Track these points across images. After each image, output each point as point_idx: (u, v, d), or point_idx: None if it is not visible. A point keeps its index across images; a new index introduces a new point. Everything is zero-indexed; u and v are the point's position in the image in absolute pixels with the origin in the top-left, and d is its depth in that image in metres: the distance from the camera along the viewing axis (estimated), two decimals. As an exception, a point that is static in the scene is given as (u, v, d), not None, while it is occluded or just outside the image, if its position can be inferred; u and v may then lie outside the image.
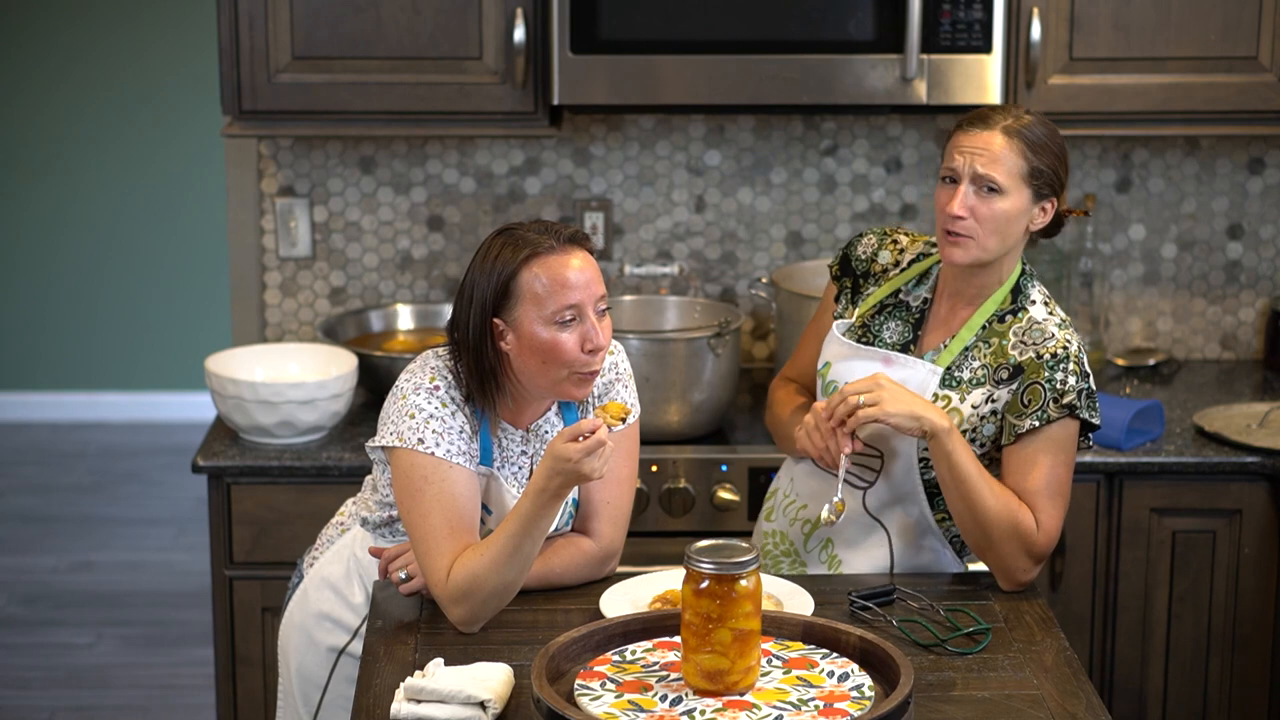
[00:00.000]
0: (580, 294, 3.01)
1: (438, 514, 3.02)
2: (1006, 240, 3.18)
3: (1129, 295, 4.57)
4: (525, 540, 2.97)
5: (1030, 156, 3.15)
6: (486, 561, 2.97)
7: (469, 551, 3.00)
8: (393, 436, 3.06)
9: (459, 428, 3.06)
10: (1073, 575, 4.03)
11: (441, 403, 3.06)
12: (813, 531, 3.34)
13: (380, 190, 4.49)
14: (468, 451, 3.06)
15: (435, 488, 3.03)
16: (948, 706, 2.79)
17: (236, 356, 4.14)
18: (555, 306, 3.00)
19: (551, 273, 3.00)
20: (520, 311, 3.01)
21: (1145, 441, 4.02)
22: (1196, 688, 4.08)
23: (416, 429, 3.04)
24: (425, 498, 3.03)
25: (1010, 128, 3.16)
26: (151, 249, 7.33)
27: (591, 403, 3.22)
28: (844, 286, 3.39)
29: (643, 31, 4.02)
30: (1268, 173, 4.52)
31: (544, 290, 2.99)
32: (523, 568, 3.00)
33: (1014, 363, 3.17)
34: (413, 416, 3.05)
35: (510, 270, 3.00)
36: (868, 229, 3.48)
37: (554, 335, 3.00)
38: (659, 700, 2.68)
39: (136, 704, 5.12)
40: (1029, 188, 3.16)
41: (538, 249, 3.01)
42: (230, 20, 4.05)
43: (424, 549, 3.03)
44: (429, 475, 3.03)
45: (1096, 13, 4.08)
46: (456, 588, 2.99)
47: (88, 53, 7.18)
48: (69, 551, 6.18)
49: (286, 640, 3.36)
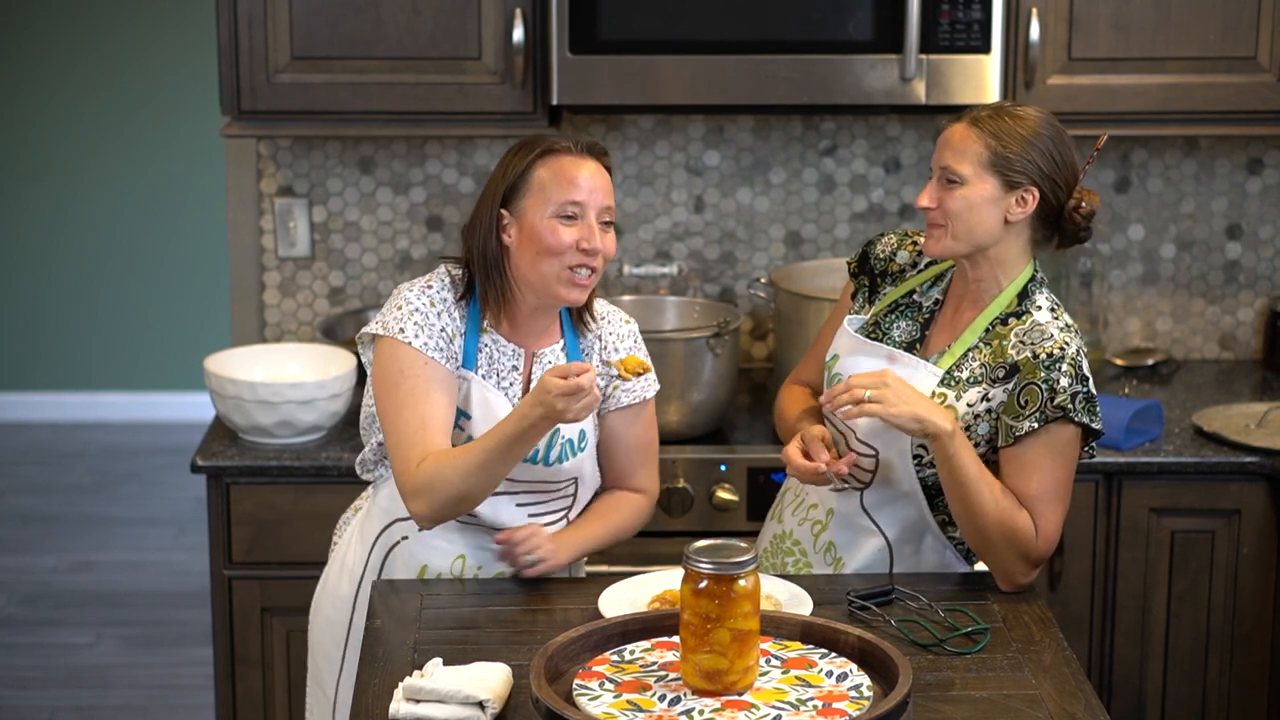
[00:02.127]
0: (584, 194, 3.12)
1: (411, 408, 3.12)
2: (976, 230, 3.15)
3: (1128, 295, 4.57)
4: (496, 457, 3.05)
5: (994, 144, 3.12)
6: (457, 465, 3.06)
7: (444, 452, 3.09)
8: (378, 325, 3.18)
9: (441, 327, 3.16)
10: (1072, 575, 4.03)
11: (430, 301, 3.18)
12: (821, 532, 3.34)
13: (379, 190, 4.49)
14: (446, 351, 3.16)
15: (410, 383, 3.13)
16: (946, 706, 2.79)
17: (236, 356, 4.14)
18: (558, 201, 3.11)
19: (561, 170, 3.13)
20: (526, 203, 3.14)
21: (1144, 441, 4.02)
22: (1195, 687, 4.08)
23: (400, 319, 3.15)
24: (400, 391, 3.13)
25: (979, 117, 3.16)
26: (151, 249, 7.34)
27: (603, 355, 3.28)
28: (861, 284, 3.39)
29: (642, 31, 4.02)
30: (1267, 173, 4.52)
31: (551, 184, 3.12)
32: (488, 483, 3.08)
33: (1010, 362, 3.17)
34: (399, 309, 3.18)
35: (524, 165, 3.14)
36: (888, 230, 3.48)
37: (553, 227, 3.11)
38: (657, 700, 2.68)
39: (136, 704, 5.12)
40: (994, 175, 3.13)
41: (553, 148, 3.15)
42: (230, 20, 4.05)
43: (395, 440, 3.13)
44: (404, 370, 3.13)
45: (1096, 13, 4.09)
46: (421, 480, 3.08)
47: (88, 53, 7.19)
48: (69, 551, 6.18)
49: (312, 624, 3.41)
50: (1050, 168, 3.15)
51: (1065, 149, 3.18)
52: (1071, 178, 3.18)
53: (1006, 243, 3.19)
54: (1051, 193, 3.16)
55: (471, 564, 3.26)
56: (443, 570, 3.26)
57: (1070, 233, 3.20)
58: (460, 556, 3.26)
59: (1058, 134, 3.17)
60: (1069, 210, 3.18)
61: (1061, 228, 3.20)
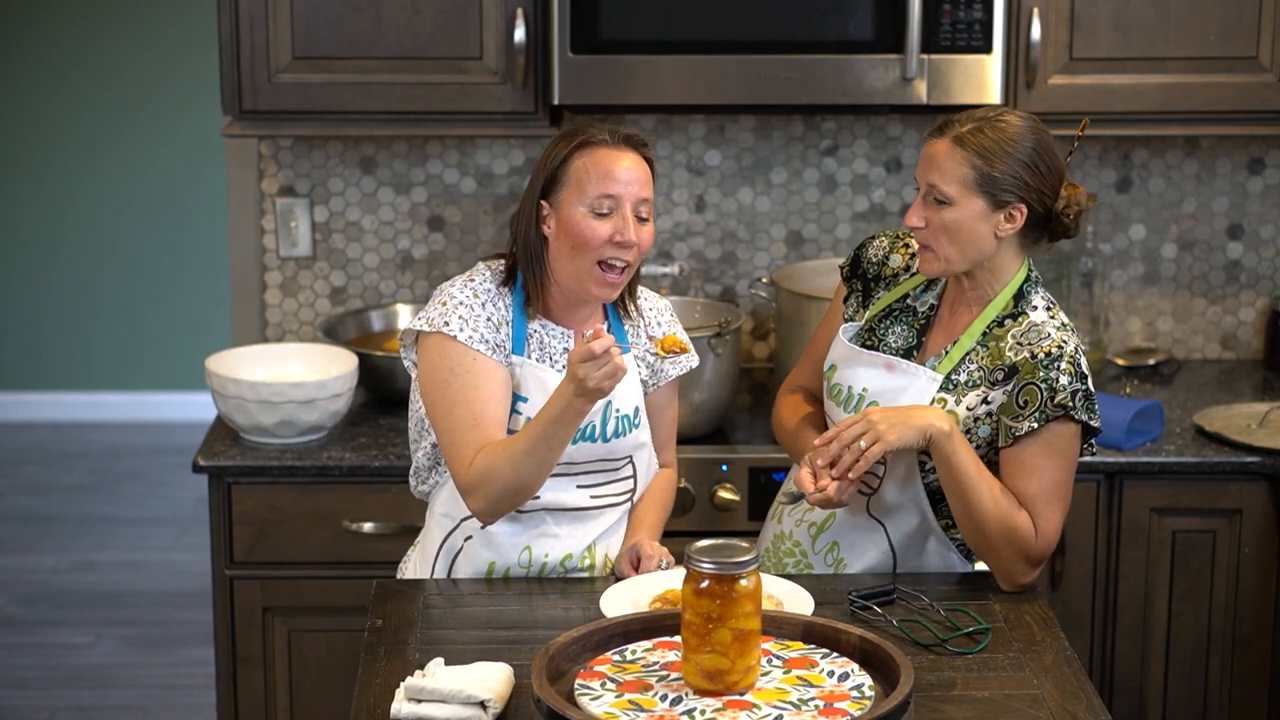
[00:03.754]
0: (620, 188, 3.12)
1: (463, 406, 3.12)
2: (968, 249, 3.15)
3: (1129, 295, 4.57)
4: (541, 443, 3.06)
5: (980, 164, 3.10)
6: (507, 456, 3.07)
7: (494, 445, 3.09)
8: (423, 321, 3.17)
9: (486, 317, 3.17)
10: (1073, 575, 4.03)
11: (474, 293, 3.18)
12: (819, 533, 3.34)
13: (380, 190, 4.49)
14: (492, 341, 3.16)
15: (461, 379, 3.13)
16: (948, 706, 2.79)
17: (237, 356, 4.14)
18: (594, 194, 3.12)
19: (598, 162, 3.13)
20: (564, 195, 3.14)
21: (1145, 441, 4.02)
22: (1196, 687, 4.08)
23: (445, 314, 3.16)
24: (451, 389, 3.13)
25: (961, 135, 3.12)
26: (152, 249, 7.34)
27: (649, 331, 3.31)
28: (854, 289, 3.38)
29: (643, 31, 4.02)
30: (1268, 173, 4.52)
31: (587, 176, 3.13)
32: (539, 469, 3.08)
33: (1009, 363, 3.16)
34: (444, 304, 3.18)
35: (563, 156, 3.15)
36: (880, 232, 3.47)
37: (588, 221, 3.12)
38: (659, 700, 2.68)
39: (136, 704, 5.12)
40: (981, 196, 3.12)
41: (591, 139, 3.15)
42: (230, 20, 4.05)
43: (449, 440, 3.13)
44: (455, 366, 3.13)
45: (1096, 13, 4.08)
46: (475, 476, 3.10)
47: (88, 53, 7.18)
48: (69, 551, 6.18)
49: None
50: (1036, 179, 3.13)
51: (1049, 154, 3.15)
52: (1057, 181, 3.16)
53: (999, 251, 3.18)
54: (1039, 203, 3.15)
55: (539, 553, 3.25)
56: (511, 563, 3.24)
57: (1060, 231, 3.20)
58: (527, 548, 3.25)
59: (1039, 140, 3.14)
60: (1057, 213, 3.17)
61: (1051, 228, 3.20)
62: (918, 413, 3.11)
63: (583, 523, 3.26)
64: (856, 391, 3.25)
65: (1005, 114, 3.15)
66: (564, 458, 3.17)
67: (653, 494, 3.38)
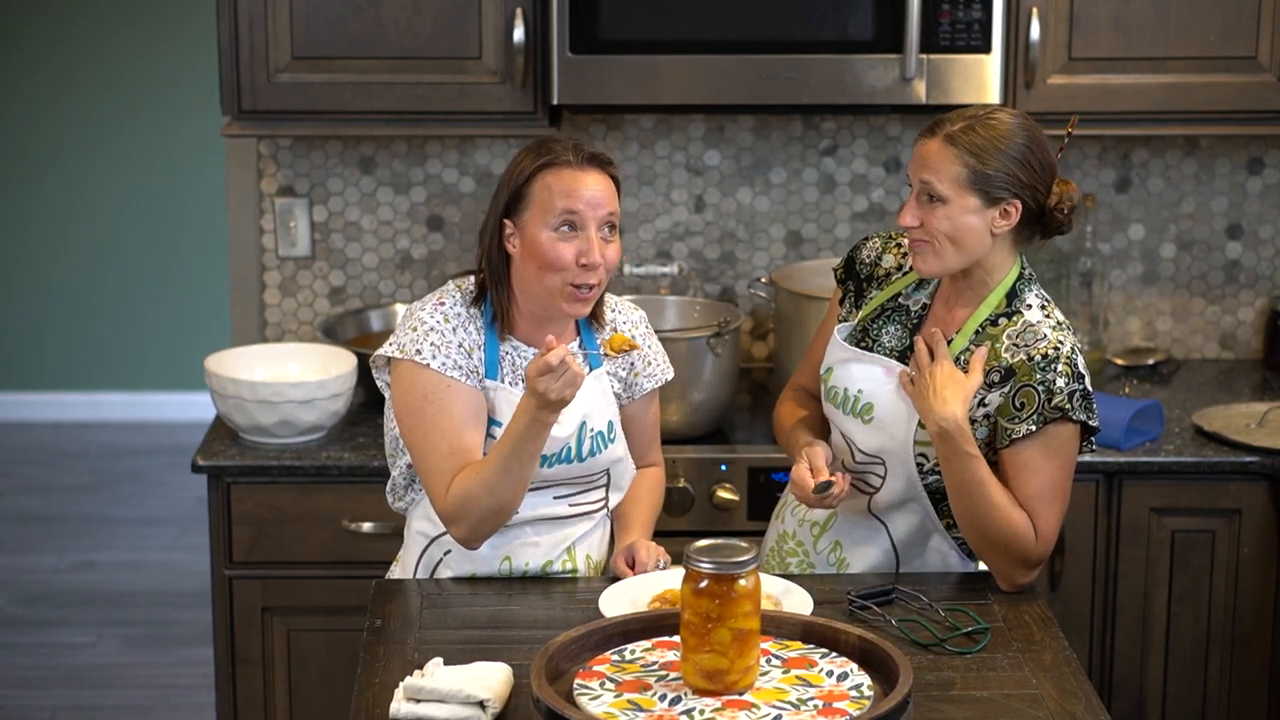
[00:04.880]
0: (583, 206, 3.09)
1: (437, 434, 3.10)
2: (965, 247, 3.15)
3: (1128, 295, 4.57)
4: (512, 461, 3.04)
5: (972, 162, 3.10)
6: (480, 480, 3.06)
7: (467, 470, 3.08)
8: (394, 348, 3.16)
9: (458, 343, 3.14)
10: (1072, 575, 4.03)
11: (444, 318, 3.16)
12: (822, 532, 3.34)
13: (380, 190, 4.49)
14: (465, 367, 3.14)
15: (435, 407, 3.11)
16: (947, 706, 2.79)
17: (236, 356, 4.14)
18: (557, 213, 3.09)
19: (561, 182, 3.10)
20: (528, 215, 3.11)
21: (1145, 441, 4.02)
22: (1196, 687, 4.08)
23: (416, 341, 3.13)
24: (426, 417, 3.11)
25: (953, 134, 3.12)
26: (152, 249, 7.34)
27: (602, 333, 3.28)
28: (848, 290, 3.38)
29: (642, 31, 4.02)
30: (1267, 173, 4.52)
31: (550, 197, 3.10)
32: (514, 488, 3.07)
33: (1005, 365, 3.16)
34: (414, 329, 3.16)
35: (526, 175, 3.12)
36: (873, 233, 3.47)
37: (552, 242, 3.09)
38: (658, 700, 2.68)
39: (137, 704, 5.12)
40: (975, 194, 3.11)
41: (555, 160, 3.12)
42: (230, 20, 4.05)
43: (425, 468, 3.12)
44: (428, 394, 3.11)
45: (1096, 13, 4.09)
46: (453, 504, 3.08)
47: (88, 53, 7.18)
48: (70, 551, 6.18)
49: None
50: (1029, 175, 3.13)
51: (1041, 151, 3.15)
52: (1050, 178, 3.16)
53: (993, 249, 3.18)
54: (1033, 199, 3.15)
55: (519, 562, 3.24)
56: (491, 574, 3.24)
57: (1053, 227, 3.20)
58: (507, 558, 3.24)
59: (1031, 137, 3.14)
60: (1050, 210, 3.17)
61: (1044, 224, 3.20)
62: (938, 405, 3.11)
63: (561, 529, 3.26)
64: (852, 393, 3.25)
65: (996, 111, 3.16)
66: (541, 479, 3.17)
67: (641, 493, 3.38)
